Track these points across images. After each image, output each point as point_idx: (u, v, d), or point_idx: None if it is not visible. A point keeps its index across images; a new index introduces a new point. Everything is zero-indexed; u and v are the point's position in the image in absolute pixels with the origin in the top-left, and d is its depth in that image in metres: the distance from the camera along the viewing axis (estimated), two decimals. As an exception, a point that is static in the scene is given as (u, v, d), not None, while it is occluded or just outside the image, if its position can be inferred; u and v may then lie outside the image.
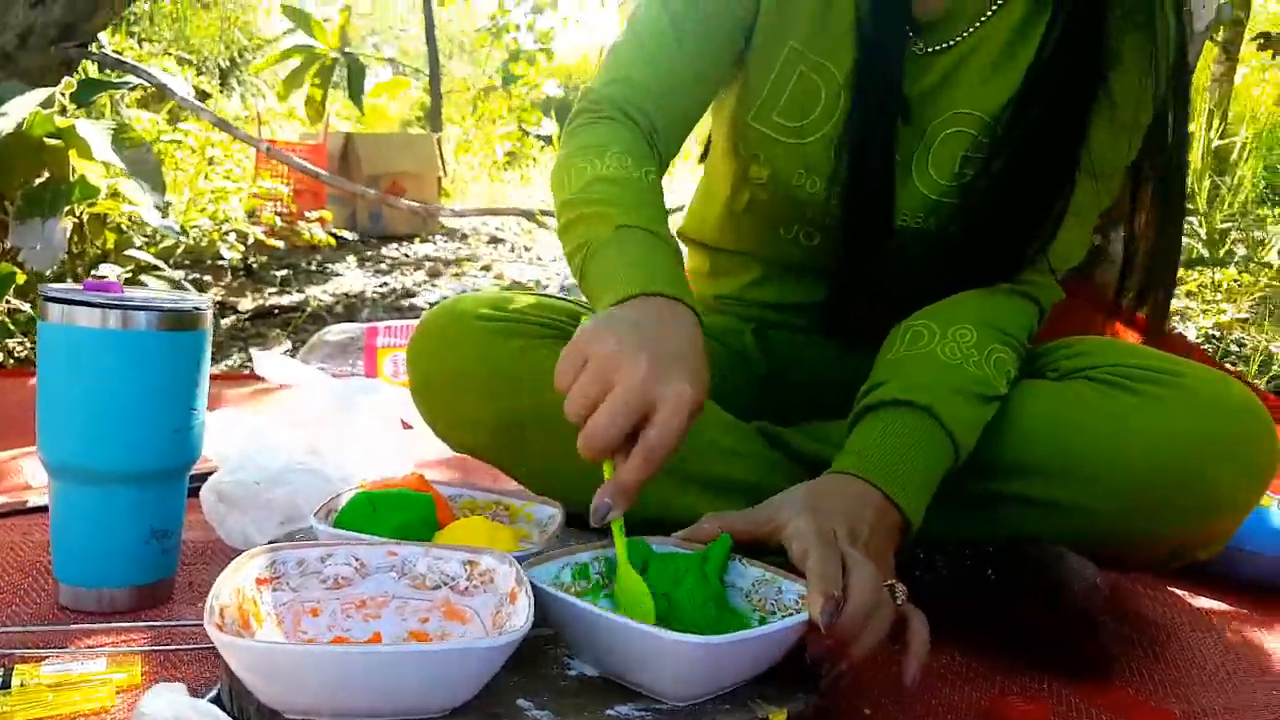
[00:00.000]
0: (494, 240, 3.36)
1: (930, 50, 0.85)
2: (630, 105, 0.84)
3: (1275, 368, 2.23)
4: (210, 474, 1.11)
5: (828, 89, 0.85)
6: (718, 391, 0.70)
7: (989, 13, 0.84)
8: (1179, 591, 0.92)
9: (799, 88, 0.85)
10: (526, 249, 3.18)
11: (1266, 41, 4.58)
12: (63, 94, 1.75)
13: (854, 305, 0.93)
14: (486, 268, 2.84)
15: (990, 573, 0.79)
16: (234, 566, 0.54)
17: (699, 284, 1.08)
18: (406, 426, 1.10)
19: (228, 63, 4.99)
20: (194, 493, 0.98)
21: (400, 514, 0.69)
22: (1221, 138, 4.07)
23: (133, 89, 2.00)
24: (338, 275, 2.61)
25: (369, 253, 2.98)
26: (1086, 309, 1.11)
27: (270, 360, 1.13)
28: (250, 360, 1.94)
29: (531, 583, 0.54)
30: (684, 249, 1.08)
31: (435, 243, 3.28)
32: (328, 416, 1.05)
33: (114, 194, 1.87)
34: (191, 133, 2.39)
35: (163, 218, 1.72)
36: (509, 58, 3.62)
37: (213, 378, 1.70)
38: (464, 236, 3.44)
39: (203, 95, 4.17)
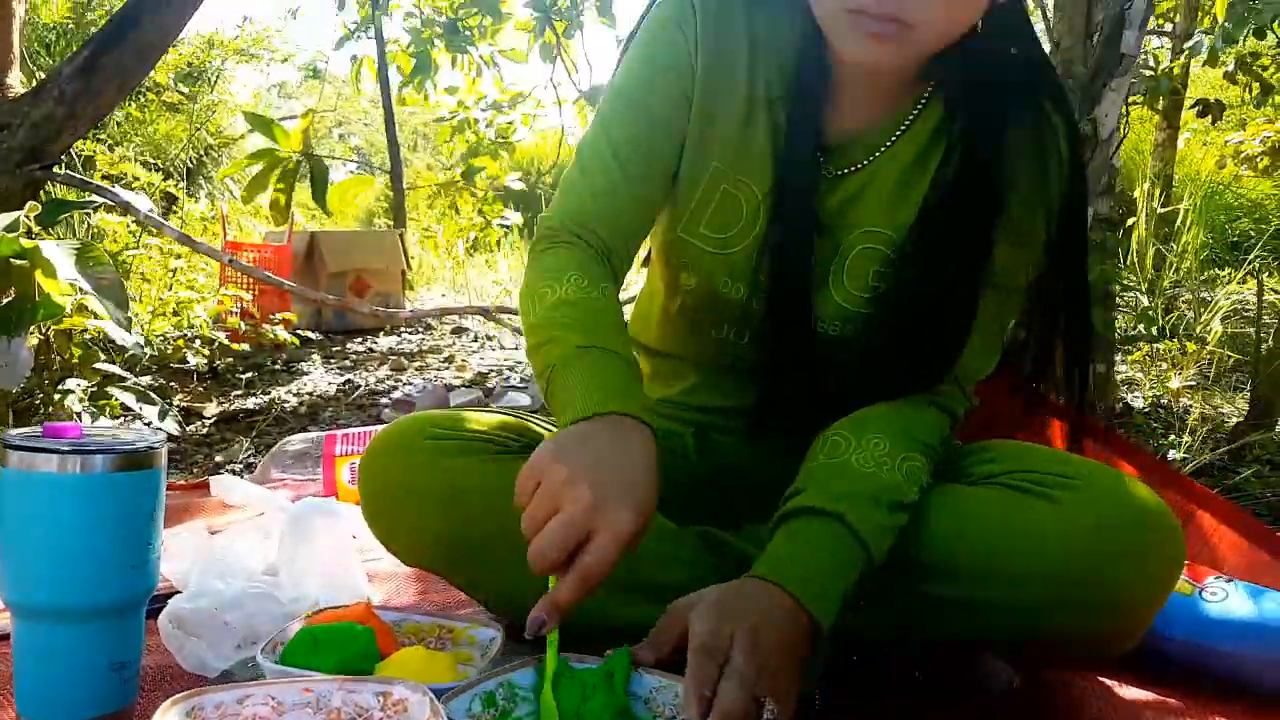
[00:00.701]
0: (457, 330, 3.41)
1: (841, 172, 0.92)
2: (583, 229, 0.91)
3: (1220, 434, 2.30)
4: (169, 595, 1.13)
5: (748, 204, 0.92)
6: (661, 496, 0.75)
7: (891, 141, 0.90)
8: (1108, 681, 0.95)
9: (722, 203, 0.93)
10: (489, 338, 3.23)
11: (1205, 109, 4.78)
12: (27, 216, 1.80)
13: (782, 410, 0.98)
14: (449, 359, 2.88)
15: (917, 674, 0.83)
16: (160, 714, 0.57)
17: (651, 378, 1.13)
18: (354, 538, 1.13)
19: (195, 161, 5.08)
20: (154, 614, 1.00)
21: (341, 650, 0.73)
22: (1165, 205, 4.23)
23: (96, 208, 2.05)
24: (303, 374, 2.64)
25: (335, 348, 3.01)
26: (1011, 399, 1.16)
27: (227, 483, 1.16)
28: (213, 468, 1.96)
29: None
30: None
31: (400, 335, 3.33)
32: (284, 538, 1.07)
33: (80, 308, 1.91)
34: (155, 246, 2.43)
35: (127, 333, 1.76)
36: (469, 151, 3.72)
37: (176, 488, 1.73)
38: (428, 327, 3.48)
39: (170, 199, 4.23)
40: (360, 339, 3.21)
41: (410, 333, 3.37)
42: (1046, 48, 2.70)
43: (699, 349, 1.03)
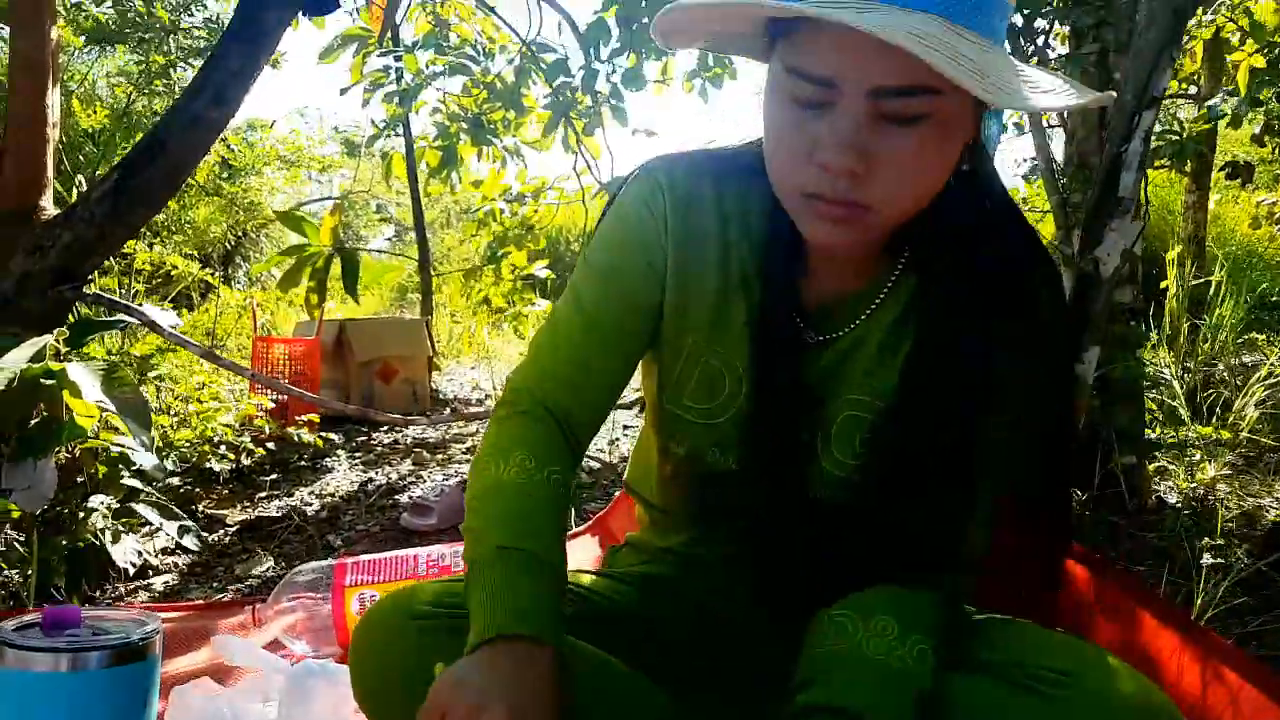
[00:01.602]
0: (483, 416, 3.43)
1: (824, 338, 0.91)
2: (547, 398, 0.92)
3: (1258, 529, 2.23)
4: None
5: (730, 376, 0.92)
6: (657, 660, 0.75)
7: (872, 306, 0.89)
8: None
9: (704, 375, 0.93)
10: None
11: (1234, 170, 4.73)
12: (56, 340, 1.85)
13: (780, 577, 0.97)
14: (471, 450, 2.90)
15: None
16: None
17: (644, 533, 1.13)
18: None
19: (233, 243, 5.22)
20: None
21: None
22: (1197, 268, 4.15)
23: (124, 328, 2.11)
24: (327, 470, 2.66)
25: (360, 436, 3.04)
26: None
27: (228, 645, 1.17)
28: (233, 580, 1.98)
29: None
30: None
31: (426, 418, 3.36)
32: (283, 702, 1.08)
33: (106, 424, 1.95)
34: (183, 351, 2.49)
35: (149, 453, 1.79)
36: (495, 241, 3.79)
37: (192, 608, 1.74)
38: (454, 410, 3.51)
39: (206, 287, 4.34)
40: (386, 427, 3.24)
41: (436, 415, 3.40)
42: (1061, 139, 2.70)
43: (695, 510, 1.02)
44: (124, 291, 4.01)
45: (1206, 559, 2.04)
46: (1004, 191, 0.90)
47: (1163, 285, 3.81)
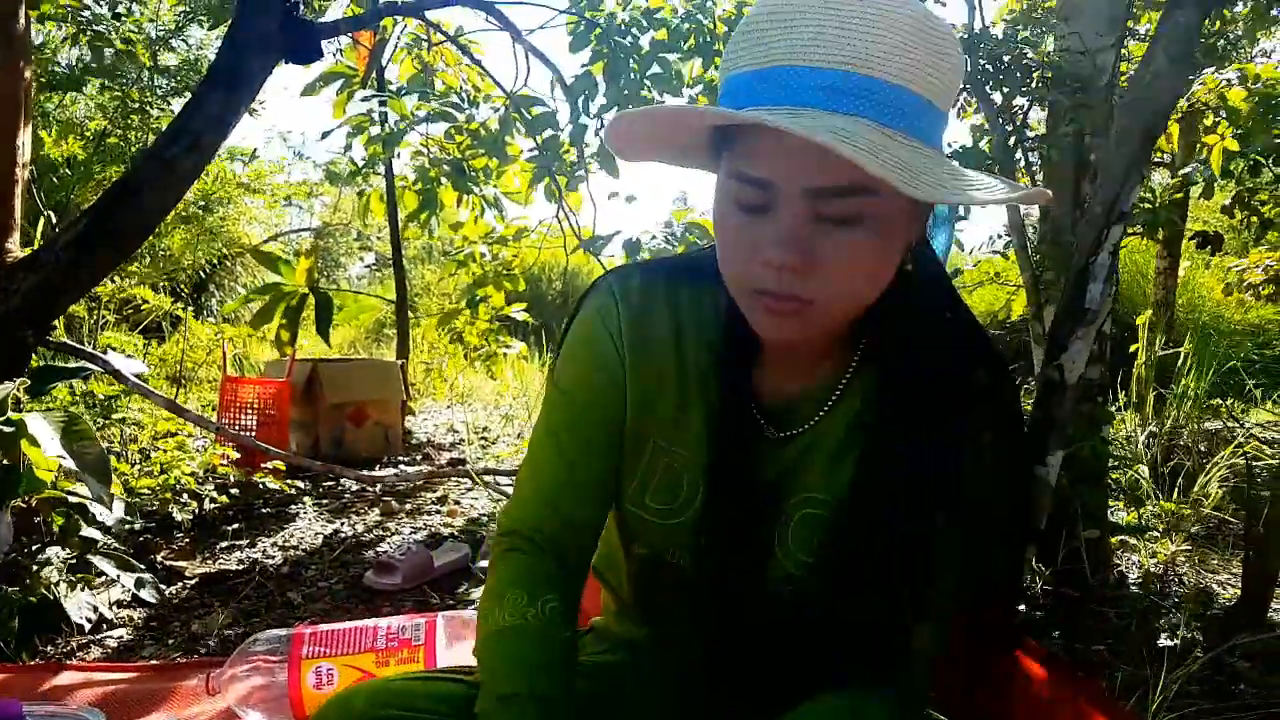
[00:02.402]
0: (454, 463, 3.41)
1: (782, 435, 0.92)
2: (535, 531, 0.95)
3: (1216, 608, 2.25)
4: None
5: (689, 476, 0.93)
6: None
7: (826, 406, 0.91)
8: None
9: (665, 476, 0.94)
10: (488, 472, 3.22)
11: (1204, 240, 4.81)
12: (18, 389, 1.83)
13: (735, 674, 0.96)
14: (442, 499, 2.87)
15: None
16: None
17: (609, 620, 1.13)
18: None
19: (207, 272, 5.18)
20: None
21: None
22: (1167, 332, 4.21)
23: (87, 377, 2.08)
24: (292, 518, 2.63)
25: (328, 483, 3.01)
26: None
27: (177, 732, 1.14)
28: (189, 638, 1.94)
29: None
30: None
31: (397, 466, 3.33)
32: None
33: (65, 474, 1.92)
34: (145, 411, 2.46)
35: (109, 509, 1.76)
36: (474, 284, 3.79)
37: (149, 669, 1.70)
38: (425, 456, 3.49)
39: (175, 321, 4.30)
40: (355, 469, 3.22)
41: (407, 463, 3.37)
42: (1035, 217, 2.74)
43: (657, 606, 1.04)
44: (93, 321, 3.96)
45: (1163, 640, 2.06)
46: (951, 294, 0.92)
47: (1131, 349, 3.87)
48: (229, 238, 5.66)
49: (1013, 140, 2.49)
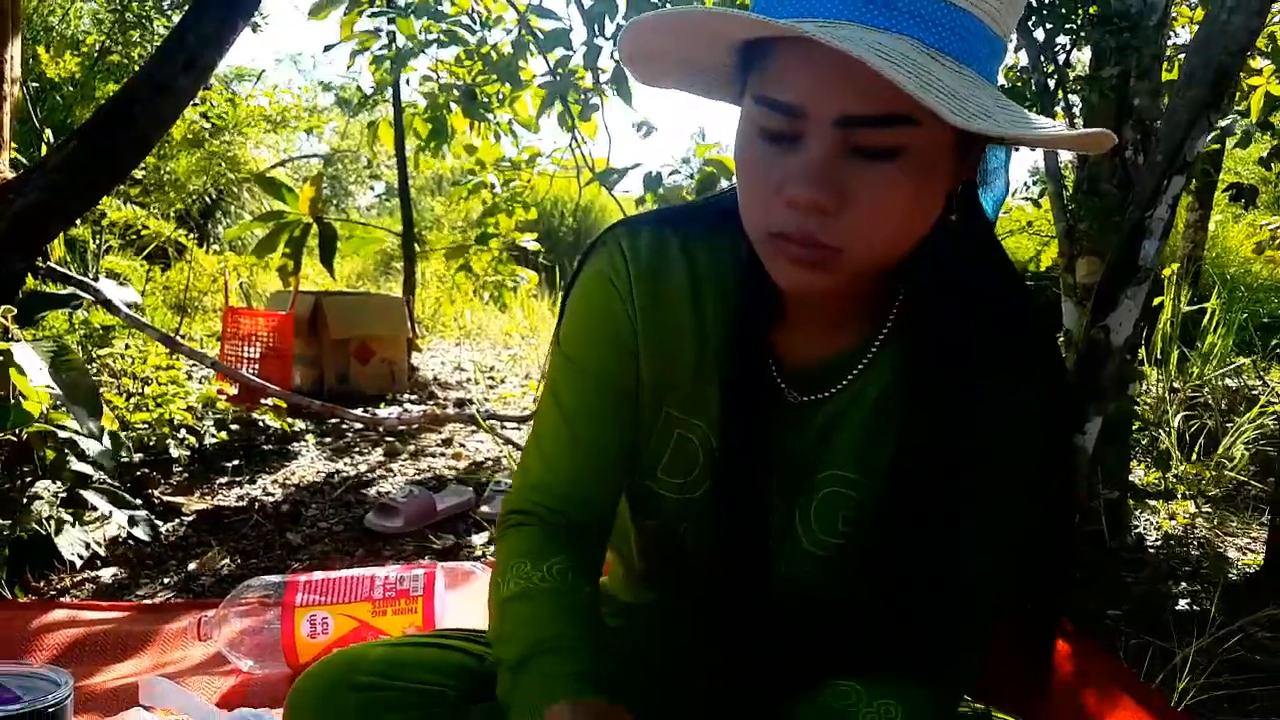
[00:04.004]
0: (460, 403, 3.35)
1: (806, 399, 0.84)
2: (538, 505, 0.88)
3: (1234, 573, 2.20)
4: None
5: (704, 449, 0.86)
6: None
7: (856, 370, 0.82)
8: None
9: (678, 449, 0.87)
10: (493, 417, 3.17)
11: (1238, 192, 4.67)
12: (4, 316, 1.76)
13: (741, 653, 0.91)
14: (447, 441, 2.82)
15: None
16: None
17: (614, 584, 1.08)
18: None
19: (214, 197, 5.08)
20: None
21: None
22: (1193, 286, 4.10)
23: (79, 305, 2.01)
24: (294, 456, 2.58)
25: (331, 420, 2.95)
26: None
27: (159, 690, 1.10)
28: (185, 577, 1.90)
29: None
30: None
31: (401, 404, 3.27)
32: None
33: (55, 407, 1.86)
34: (134, 344, 2.39)
35: (98, 442, 1.71)
36: (485, 212, 3.68)
37: (139, 608, 1.67)
38: (431, 395, 3.43)
39: (181, 247, 4.22)
40: (361, 408, 3.16)
41: (413, 402, 3.31)
42: (1072, 159, 2.62)
43: (664, 582, 0.98)
44: (96, 246, 3.89)
45: (1181, 606, 2.01)
46: (1001, 254, 0.82)
47: (1155, 302, 3.76)
48: (236, 163, 5.55)
49: (1053, 82, 2.36)
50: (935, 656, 0.81)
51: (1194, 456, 2.87)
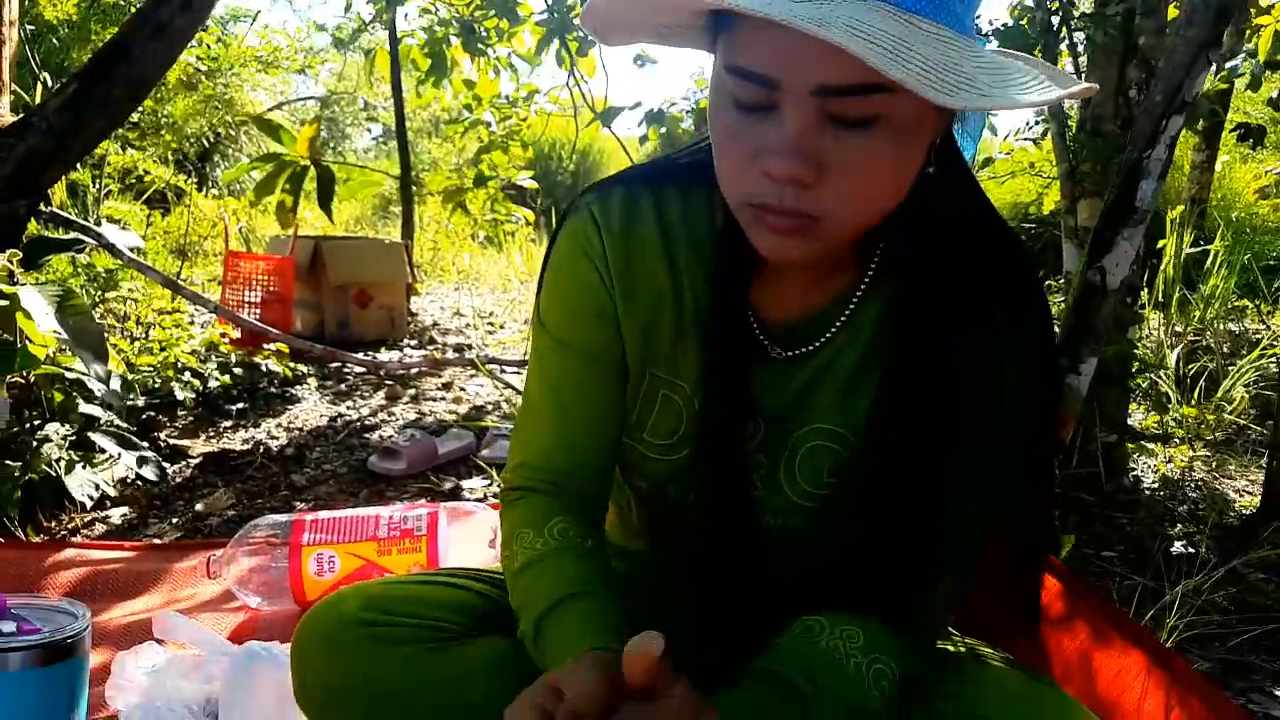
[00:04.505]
0: (460, 348, 3.36)
1: (789, 355, 0.84)
2: (537, 481, 0.89)
3: (1231, 516, 2.22)
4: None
5: (687, 409, 0.86)
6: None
7: (838, 324, 0.83)
8: None
9: (663, 410, 0.87)
10: (492, 362, 3.18)
11: (1245, 132, 4.62)
12: (9, 260, 1.76)
13: (728, 599, 0.92)
14: (447, 386, 2.84)
15: None
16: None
17: (609, 529, 1.10)
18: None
19: (211, 141, 5.04)
20: None
21: None
22: (1198, 228, 4.07)
23: (82, 249, 2.01)
24: (297, 400, 2.60)
25: (333, 365, 2.97)
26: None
27: (171, 623, 1.12)
28: (193, 518, 1.94)
29: None
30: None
31: (402, 349, 3.29)
32: (225, 687, 1.04)
33: (62, 350, 1.88)
34: (140, 290, 2.39)
35: (105, 385, 1.72)
36: (481, 149, 3.64)
37: (148, 548, 1.70)
38: (431, 340, 3.44)
39: (180, 191, 4.20)
40: (361, 354, 3.17)
41: (413, 347, 3.33)
42: (1075, 103, 2.59)
43: (655, 533, 1.00)
44: (96, 190, 3.87)
45: (1176, 548, 2.04)
46: (982, 199, 0.82)
47: (1159, 244, 3.74)
48: (233, 105, 5.48)
49: (1057, 19, 2.32)
50: (910, 607, 0.83)
51: (1194, 400, 2.88)
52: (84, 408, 1.89)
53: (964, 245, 0.79)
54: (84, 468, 1.89)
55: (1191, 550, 2.02)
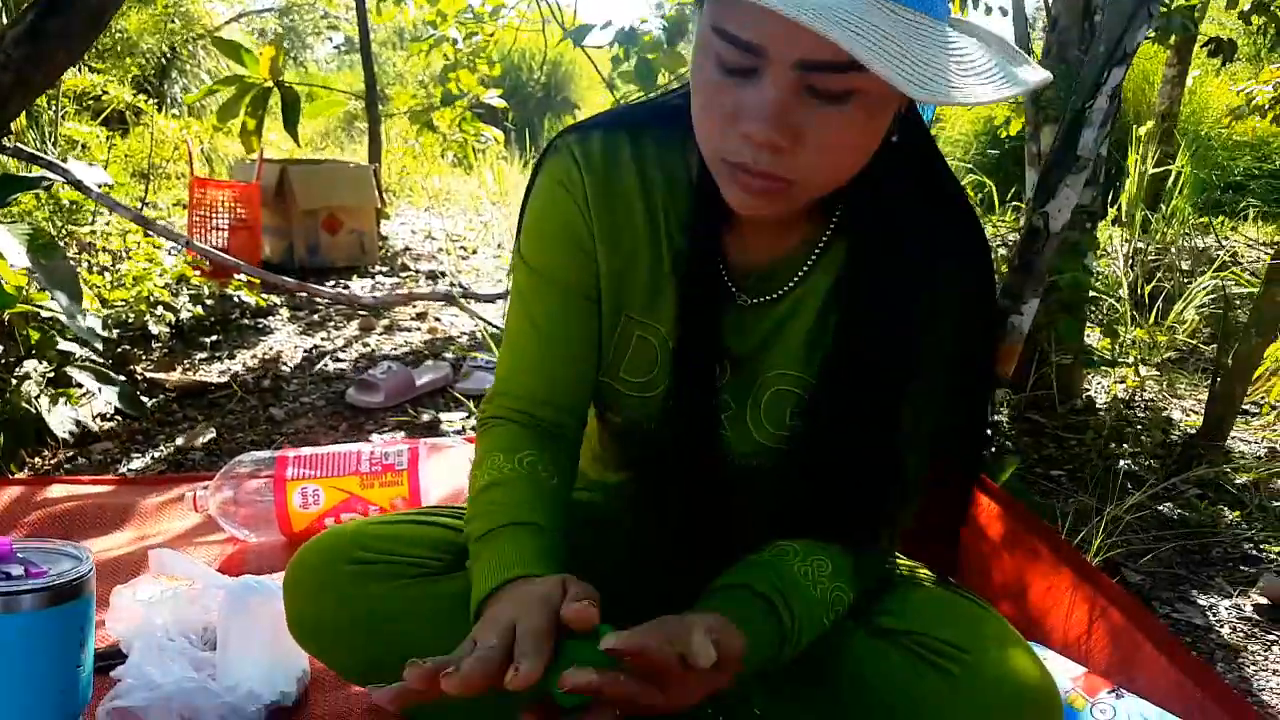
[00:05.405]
0: (433, 275, 3.37)
1: (755, 301, 0.89)
2: (514, 412, 0.94)
3: (1175, 435, 2.33)
4: (112, 653, 1.17)
5: (661, 350, 0.92)
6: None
7: (801, 273, 0.88)
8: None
9: (638, 350, 0.93)
10: (464, 287, 3.20)
11: (1216, 47, 4.62)
12: (-25, 199, 1.75)
13: (700, 532, 0.98)
14: (421, 316, 2.86)
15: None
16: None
17: (585, 463, 1.15)
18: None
19: (169, 55, 4.89)
20: (103, 670, 1.05)
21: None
22: (1164, 158, 4.11)
23: (49, 186, 1.99)
24: (270, 331, 2.63)
25: (302, 294, 2.98)
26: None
27: (166, 560, 1.18)
28: (174, 452, 1.98)
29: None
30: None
31: (374, 278, 3.29)
32: (221, 619, 1.10)
33: (37, 287, 1.89)
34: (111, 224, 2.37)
35: (80, 323, 1.74)
36: (446, 69, 3.58)
37: (133, 482, 1.75)
38: (403, 267, 3.45)
39: (137, 112, 4.10)
40: (332, 281, 3.18)
41: (385, 275, 3.33)
42: (1041, 29, 2.59)
43: (629, 466, 1.05)
44: (52, 113, 3.78)
45: (1121, 465, 2.14)
46: (939, 163, 0.87)
47: (1130, 161, 3.79)
48: (190, 19, 5.31)
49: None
50: (864, 532, 0.90)
51: (1152, 320, 2.97)
52: (61, 344, 1.91)
53: (919, 204, 0.84)
54: (64, 403, 1.92)
55: (1136, 469, 2.13)
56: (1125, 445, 2.25)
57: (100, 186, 2.02)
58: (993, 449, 1.97)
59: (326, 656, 1.00)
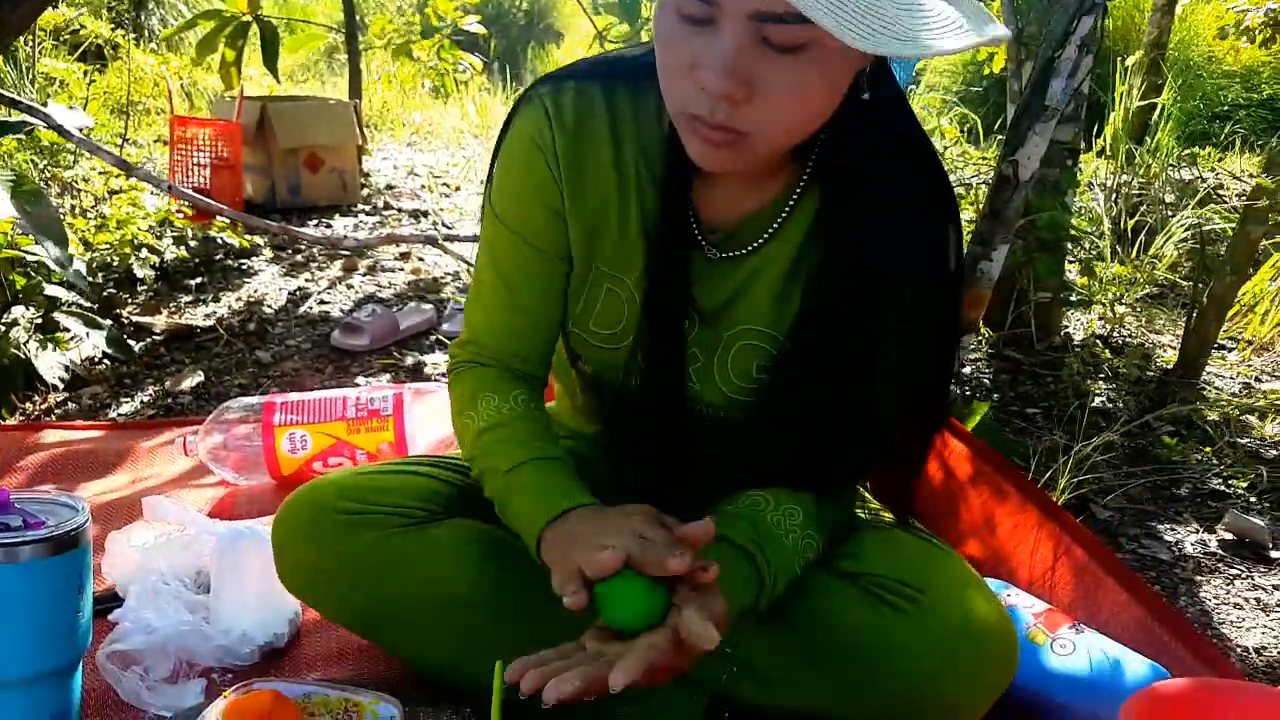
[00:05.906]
0: (415, 214, 3.36)
1: (723, 256, 0.91)
2: (482, 353, 0.98)
3: (1151, 372, 2.37)
4: (110, 596, 1.22)
5: (629, 303, 0.94)
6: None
7: (771, 229, 0.89)
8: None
9: (607, 302, 0.95)
10: (448, 226, 3.19)
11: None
12: (-48, 145, 1.73)
13: (670, 480, 1.00)
14: (405, 256, 2.86)
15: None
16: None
17: (561, 412, 1.18)
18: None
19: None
20: (102, 614, 1.08)
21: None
22: (1151, 89, 4.08)
23: (29, 131, 1.97)
24: (253, 273, 2.63)
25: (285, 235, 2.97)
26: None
27: (159, 506, 1.21)
28: (162, 395, 2.00)
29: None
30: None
31: (357, 216, 3.28)
32: (214, 565, 1.14)
33: (20, 232, 1.88)
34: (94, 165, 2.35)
35: (67, 269, 1.75)
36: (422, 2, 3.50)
37: (124, 427, 1.77)
38: (386, 205, 3.43)
39: (115, 47, 4.02)
40: (315, 220, 3.16)
41: (367, 213, 3.32)
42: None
43: (602, 416, 1.09)
44: (28, 48, 3.70)
45: (1096, 403, 2.19)
46: (909, 120, 0.88)
47: (1117, 93, 3.76)
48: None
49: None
50: (833, 481, 0.93)
51: (1135, 254, 2.99)
52: (48, 289, 1.92)
53: (887, 161, 0.86)
54: (52, 349, 1.93)
55: (1109, 406, 2.17)
56: (1101, 383, 2.29)
57: (81, 130, 2.00)
58: (964, 394, 2.01)
59: (318, 605, 1.04)
